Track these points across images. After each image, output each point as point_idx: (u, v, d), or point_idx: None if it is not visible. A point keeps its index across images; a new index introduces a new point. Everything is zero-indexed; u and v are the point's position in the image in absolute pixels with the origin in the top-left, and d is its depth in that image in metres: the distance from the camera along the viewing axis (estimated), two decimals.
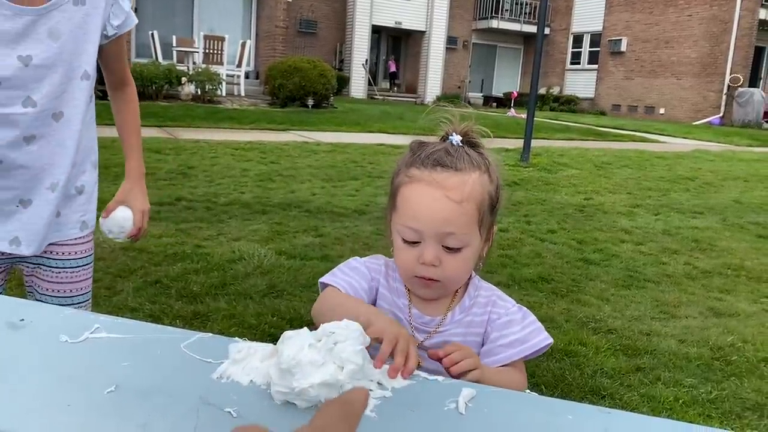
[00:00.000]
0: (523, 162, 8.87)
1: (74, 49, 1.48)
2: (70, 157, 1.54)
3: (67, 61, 1.47)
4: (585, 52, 26.68)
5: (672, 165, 10.02)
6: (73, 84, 1.50)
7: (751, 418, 2.56)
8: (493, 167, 1.13)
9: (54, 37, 1.43)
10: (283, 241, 4.52)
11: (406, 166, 1.10)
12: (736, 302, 3.96)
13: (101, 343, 0.92)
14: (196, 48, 14.84)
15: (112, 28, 1.55)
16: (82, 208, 1.64)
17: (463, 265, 1.09)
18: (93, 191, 1.68)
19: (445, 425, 0.76)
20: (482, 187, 1.08)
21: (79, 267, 1.65)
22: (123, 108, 1.75)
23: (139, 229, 1.72)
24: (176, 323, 3.00)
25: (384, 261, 1.22)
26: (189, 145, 8.25)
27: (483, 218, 1.08)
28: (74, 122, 1.53)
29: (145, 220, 1.74)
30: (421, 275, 1.08)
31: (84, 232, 1.65)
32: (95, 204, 1.70)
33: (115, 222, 1.69)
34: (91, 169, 1.66)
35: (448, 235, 1.05)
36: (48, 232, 1.56)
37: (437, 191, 1.04)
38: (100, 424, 0.73)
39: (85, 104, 1.55)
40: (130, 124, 1.76)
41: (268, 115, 12.33)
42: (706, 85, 22.32)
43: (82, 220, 1.64)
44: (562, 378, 2.80)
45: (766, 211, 7.00)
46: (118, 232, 1.70)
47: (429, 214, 1.04)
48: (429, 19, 23.50)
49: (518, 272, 4.21)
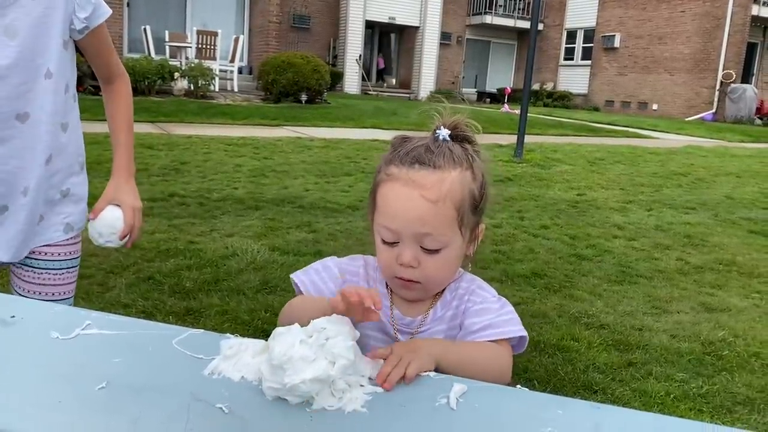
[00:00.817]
0: (517, 158, 8.88)
1: (34, 46, 1.41)
2: (41, 160, 1.47)
3: (27, 59, 1.40)
4: (578, 48, 26.70)
5: (665, 161, 10.05)
6: (37, 84, 1.43)
7: (742, 413, 2.58)
8: (478, 164, 1.09)
9: (10, 35, 1.37)
10: (276, 237, 4.52)
11: (385, 163, 1.07)
12: (727, 297, 3.98)
13: (92, 340, 0.92)
14: (189, 43, 14.77)
15: (79, 21, 1.48)
16: (66, 211, 1.58)
17: (443, 266, 1.06)
18: (79, 192, 1.62)
19: (436, 420, 0.77)
20: (462, 186, 1.04)
21: (62, 270, 1.59)
22: (110, 102, 1.67)
23: (131, 228, 1.60)
24: (169, 319, 3.00)
25: (363, 262, 1.19)
26: (182, 141, 8.22)
27: (463, 218, 1.04)
28: (43, 123, 1.46)
29: (138, 218, 1.62)
30: (400, 276, 1.05)
31: (68, 234, 1.59)
32: (84, 206, 1.64)
33: (105, 222, 1.58)
34: (78, 171, 1.60)
35: (425, 236, 1.02)
36: (27, 237, 1.51)
37: (413, 191, 1.01)
38: (91, 420, 0.73)
39: (55, 104, 1.48)
40: (118, 119, 1.67)
41: (261, 111, 12.30)
42: (699, 81, 22.38)
43: (66, 222, 1.58)
44: (554, 373, 2.82)
45: (757, 206, 7.04)
46: (108, 234, 1.58)
47: (404, 214, 1.02)
48: (423, 14, 23.45)
49: (511, 268, 4.22)
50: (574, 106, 24.79)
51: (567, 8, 26.86)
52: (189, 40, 14.93)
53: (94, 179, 1.72)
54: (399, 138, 1.11)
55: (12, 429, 0.70)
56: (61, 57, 1.47)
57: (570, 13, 26.82)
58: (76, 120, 1.59)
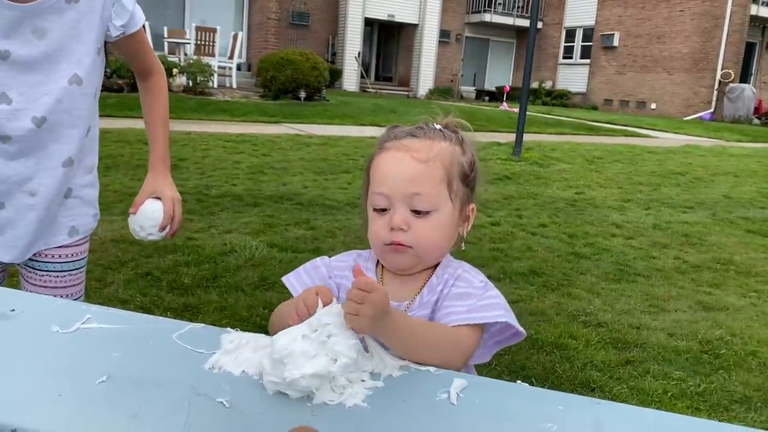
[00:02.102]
0: (515, 156, 8.88)
1: (61, 49, 1.39)
2: (57, 163, 1.46)
3: (51, 61, 1.39)
4: (577, 47, 26.69)
5: (663, 160, 10.06)
6: (58, 88, 1.41)
7: (739, 411, 2.59)
8: (468, 145, 1.14)
9: (39, 35, 1.36)
10: (274, 234, 4.52)
11: (380, 143, 1.13)
12: (725, 296, 3.99)
13: (93, 334, 0.92)
14: (188, 39, 14.75)
15: (115, 29, 1.48)
16: (71, 213, 1.56)
17: (433, 231, 1.07)
18: (87, 195, 1.60)
19: (436, 415, 0.77)
20: (451, 154, 1.09)
21: (65, 272, 1.57)
22: (147, 98, 1.68)
23: (170, 218, 1.58)
24: (167, 315, 2.99)
25: (355, 255, 1.20)
26: (180, 137, 8.21)
27: (452, 182, 1.08)
28: (61, 129, 1.44)
29: (177, 209, 1.61)
30: (391, 241, 1.06)
31: (73, 238, 1.57)
32: (92, 209, 1.63)
33: (145, 215, 1.56)
34: (83, 173, 1.58)
35: (415, 196, 1.04)
36: (34, 238, 1.50)
37: (404, 154, 1.06)
38: (91, 414, 0.73)
39: (76, 110, 1.46)
40: (154, 115, 1.68)
41: (259, 108, 12.28)
42: (698, 80, 22.39)
43: (71, 225, 1.56)
44: (552, 371, 2.82)
45: (755, 206, 7.05)
46: (150, 227, 1.56)
47: (395, 175, 1.05)
48: (422, 11, 23.43)
49: (509, 266, 4.22)
50: (572, 105, 24.79)
51: (566, 7, 26.84)
52: (188, 37, 14.90)
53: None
54: (392, 125, 1.16)
55: (13, 423, 0.70)
56: (93, 63, 1.46)
57: (569, 11, 26.81)
58: (95, 122, 1.59)
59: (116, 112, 8.66)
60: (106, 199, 1.71)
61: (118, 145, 6.30)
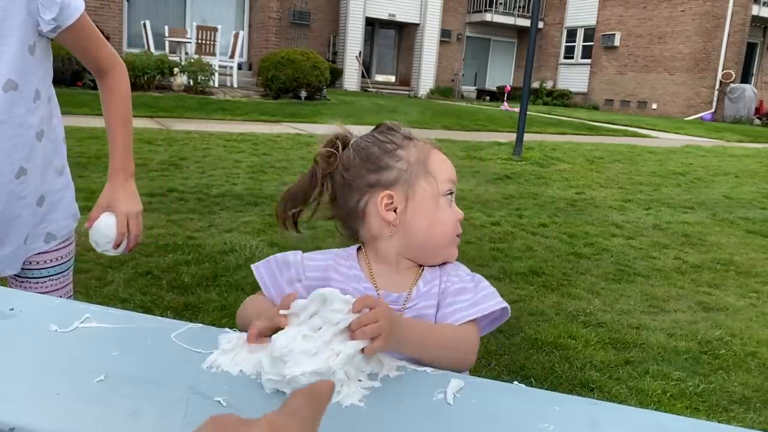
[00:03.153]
0: (516, 156, 8.88)
1: None
2: (7, 179, 1.38)
3: None
4: (578, 47, 26.69)
5: (663, 160, 10.06)
6: None
7: (738, 411, 2.59)
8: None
9: None
10: (274, 233, 4.52)
11: (404, 142, 1.16)
12: (724, 297, 3.99)
13: (91, 333, 0.92)
14: (189, 38, 14.76)
15: (46, 23, 1.35)
16: (44, 220, 1.50)
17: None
18: (61, 198, 1.54)
19: (433, 415, 0.77)
20: None
21: (45, 278, 1.52)
22: (104, 98, 1.54)
23: (123, 236, 1.49)
24: (167, 314, 3.00)
25: (333, 254, 1.22)
26: (181, 136, 8.22)
27: None
28: (3, 140, 1.35)
29: (133, 224, 1.50)
30: (458, 232, 1.16)
31: (50, 244, 1.52)
32: (68, 212, 1.57)
33: (98, 231, 1.49)
34: (53, 177, 1.50)
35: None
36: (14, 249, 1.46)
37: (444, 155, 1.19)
38: (89, 413, 0.73)
39: (18, 117, 1.37)
40: (113, 117, 1.53)
41: (260, 107, 12.29)
42: (699, 80, 22.39)
43: (46, 232, 1.51)
44: (551, 371, 2.82)
45: (755, 206, 7.05)
46: (104, 243, 1.49)
47: (453, 172, 1.17)
48: (423, 11, 23.44)
49: (510, 266, 4.23)
50: (573, 105, 24.79)
51: (567, 6, 26.84)
52: (189, 36, 14.91)
53: (92, 174, 1.72)
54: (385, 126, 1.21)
55: (10, 421, 0.70)
56: (24, 64, 1.35)
57: (570, 11, 26.81)
58: (54, 123, 1.50)
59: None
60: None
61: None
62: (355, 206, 1.15)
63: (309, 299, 0.84)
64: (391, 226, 1.12)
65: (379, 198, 1.12)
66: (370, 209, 1.14)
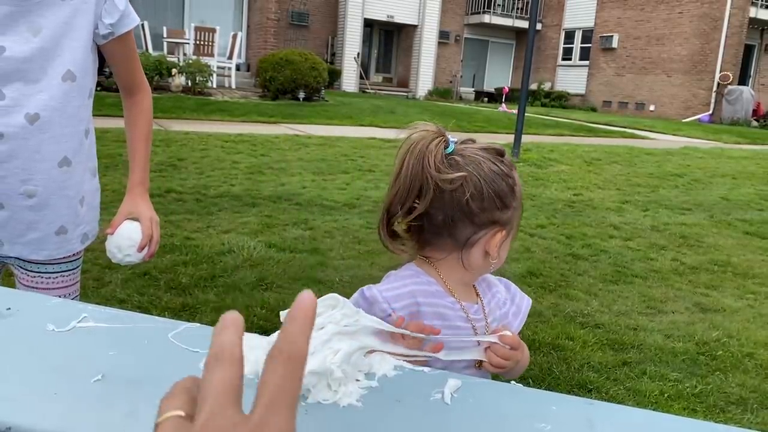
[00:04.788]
0: (514, 157, 8.88)
1: (56, 46, 1.38)
2: (47, 164, 1.43)
3: (46, 58, 1.37)
4: (576, 48, 26.72)
5: (661, 162, 10.07)
6: (52, 85, 1.39)
7: (735, 412, 2.59)
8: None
9: (34, 32, 1.35)
10: (272, 234, 4.52)
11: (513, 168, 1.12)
12: (722, 298, 4.00)
13: (88, 333, 0.92)
14: (187, 39, 14.74)
15: (104, 27, 1.45)
16: (84, 221, 1.56)
17: None
18: (94, 200, 1.61)
19: (431, 415, 0.77)
20: None
21: (56, 273, 1.54)
22: (131, 117, 1.64)
23: (149, 238, 1.57)
24: (165, 315, 3.00)
25: (402, 277, 1.14)
26: (179, 137, 8.21)
27: None
28: (54, 127, 1.42)
29: (156, 230, 1.61)
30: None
31: (84, 244, 1.57)
32: (97, 214, 1.63)
33: (123, 234, 1.54)
34: (90, 178, 1.58)
35: None
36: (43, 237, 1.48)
37: None
38: (86, 412, 0.73)
39: (71, 108, 1.44)
40: (137, 134, 1.64)
41: (258, 108, 12.28)
42: (696, 82, 22.42)
43: (84, 233, 1.57)
44: (549, 372, 2.83)
45: (753, 208, 7.06)
46: (127, 247, 1.53)
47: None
48: (421, 12, 23.44)
49: (507, 267, 4.23)
50: (571, 106, 24.81)
51: (565, 8, 26.87)
52: (187, 37, 14.90)
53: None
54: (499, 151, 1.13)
55: (7, 421, 0.70)
56: (85, 61, 1.44)
57: (568, 13, 26.84)
58: (87, 122, 1.56)
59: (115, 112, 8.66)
60: (105, 199, 1.71)
61: (116, 145, 6.30)
62: (467, 236, 1.09)
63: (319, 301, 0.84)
64: (490, 260, 1.12)
65: (497, 236, 1.10)
66: (480, 242, 1.10)
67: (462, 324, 1.12)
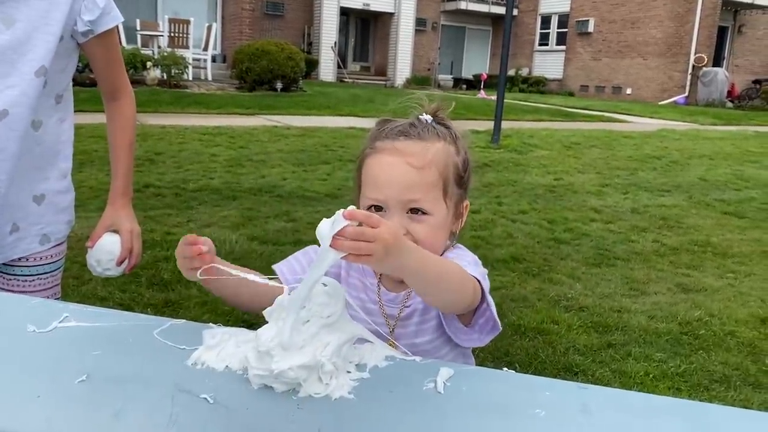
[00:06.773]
0: (494, 144, 8.90)
1: (27, 39, 1.33)
2: (10, 162, 1.37)
3: (17, 51, 1.32)
4: (553, 34, 26.79)
5: (639, 144, 10.16)
6: (24, 79, 1.34)
7: (719, 390, 2.63)
8: (461, 141, 1.13)
9: (6, 23, 1.31)
10: (254, 227, 4.48)
11: (371, 140, 1.10)
12: (703, 278, 4.04)
13: (70, 333, 0.90)
14: (161, 32, 14.54)
15: (83, 24, 1.40)
16: (42, 220, 1.49)
17: (431, 233, 1.05)
18: (61, 201, 1.54)
19: (424, 404, 0.76)
20: (447, 156, 1.08)
21: (34, 276, 1.50)
22: (113, 125, 1.59)
23: (129, 251, 1.54)
24: (148, 311, 2.96)
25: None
26: (156, 131, 8.11)
27: (447, 186, 1.07)
28: (20, 123, 1.36)
29: (136, 243, 1.57)
30: None
31: (44, 246, 1.50)
32: (66, 216, 1.56)
33: (102, 248, 1.51)
34: (57, 179, 1.51)
35: (411, 202, 1.03)
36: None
37: (398, 158, 1.04)
38: (71, 414, 0.71)
39: (38, 102, 1.38)
40: (119, 144, 1.58)
41: (236, 100, 12.17)
42: (672, 65, 22.61)
43: (43, 233, 1.50)
44: (535, 356, 2.84)
45: (730, 188, 7.15)
46: (107, 261, 1.51)
47: (389, 181, 1.04)
48: (397, 0, 23.35)
49: (491, 253, 4.24)
50: (549, 92, 24.90)
51: None
52: (161, 29, 14.69)
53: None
54: (383, 119, 1.13)
55: None
56: (56, 56, 1.39)
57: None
58: (65, 126, 1.51)
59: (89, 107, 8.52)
60: (82, 196, 1.68)
61: (92, 141, 6.21)
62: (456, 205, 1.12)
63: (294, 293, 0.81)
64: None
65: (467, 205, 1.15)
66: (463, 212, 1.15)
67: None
